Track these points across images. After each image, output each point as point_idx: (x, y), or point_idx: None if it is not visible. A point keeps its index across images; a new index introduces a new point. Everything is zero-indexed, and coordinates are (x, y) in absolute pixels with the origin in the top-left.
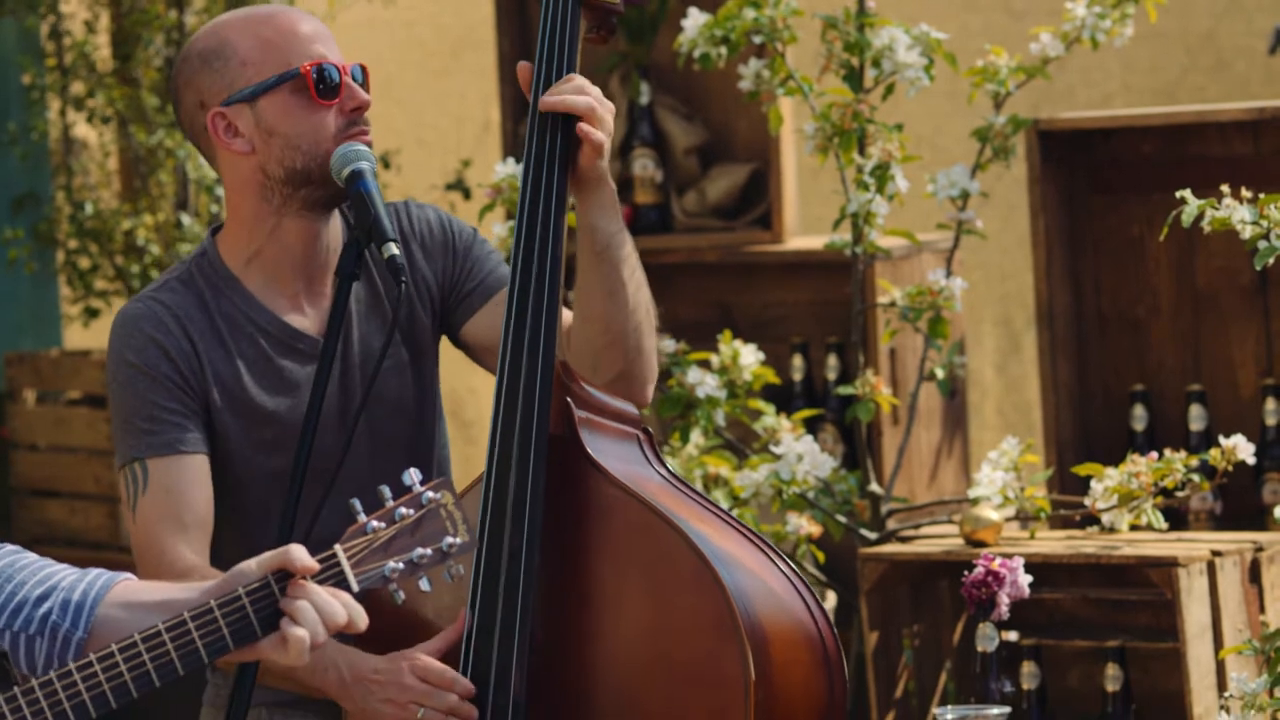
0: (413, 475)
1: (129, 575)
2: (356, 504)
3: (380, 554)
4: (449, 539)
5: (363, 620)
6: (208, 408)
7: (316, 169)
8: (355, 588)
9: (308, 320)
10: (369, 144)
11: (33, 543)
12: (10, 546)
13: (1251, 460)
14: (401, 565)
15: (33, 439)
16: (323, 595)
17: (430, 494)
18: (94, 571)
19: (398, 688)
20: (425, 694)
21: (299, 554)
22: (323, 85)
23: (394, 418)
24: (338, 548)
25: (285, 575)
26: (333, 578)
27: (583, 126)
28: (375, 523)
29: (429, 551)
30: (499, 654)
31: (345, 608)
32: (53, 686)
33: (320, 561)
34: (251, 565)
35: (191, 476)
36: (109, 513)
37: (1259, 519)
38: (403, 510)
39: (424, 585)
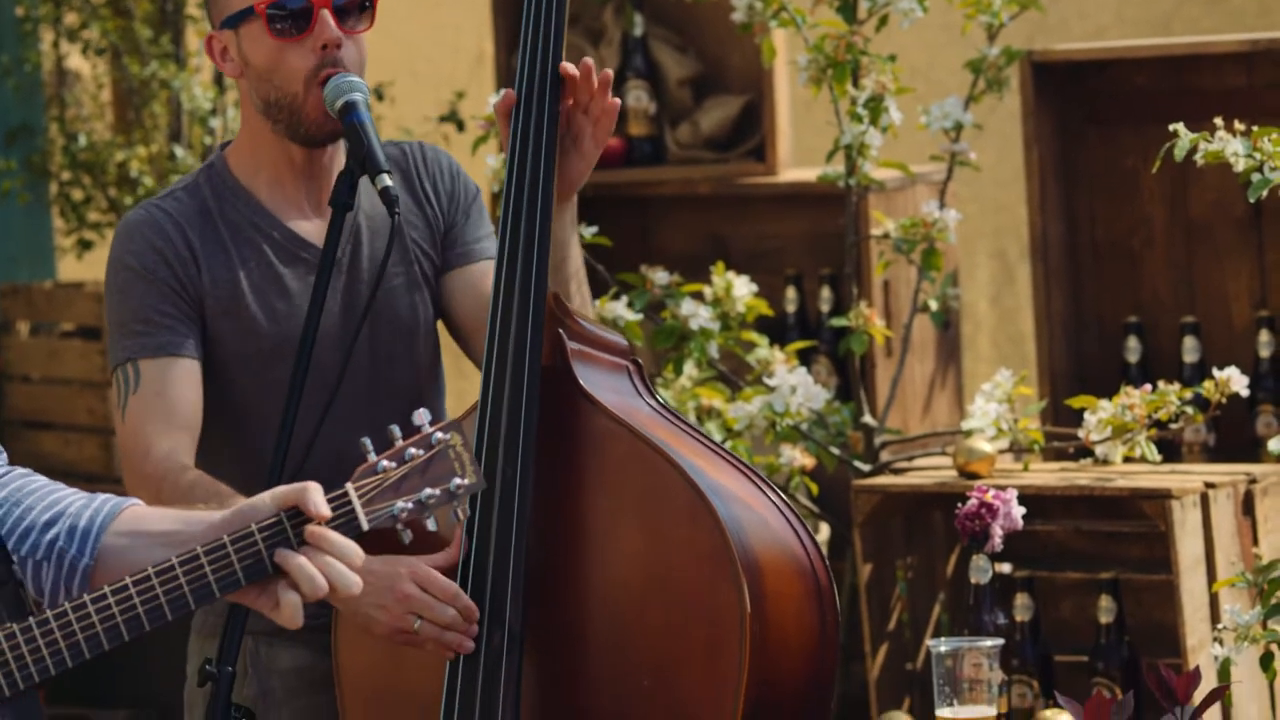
0: (422, 416)
1: (136, 501)
2: (367, 442)
3: (390, 493)
4: (457, 480)
5: (356, 588)
6: (204, 314)
7: (288, 107)
8: (365, 526)
9: (314, 228)
10: (334, 123)
11: None
12: (19, 470)
13: (1245, 392)
14: (410, 505)
15: (26, 371)
16: (339, 567)
17: (440, 435)
18: (101, 497)
19: (394, 595)
20: (425, 605)
21: (315, 497)
22: (280, 24)
23: (396, 337)
24: (349, 486)
25: (298, 513)
26: (343, 516)
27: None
28: (386, 462)
29: (437, 492)
30: (494, 585)
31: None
32: (67, 618)
33: (331, 500)
34: (265, 500)
35: (183, 380)
36: (102, 444)
37: (1252, 451)
38: (412, 450)
39: (430, 525)
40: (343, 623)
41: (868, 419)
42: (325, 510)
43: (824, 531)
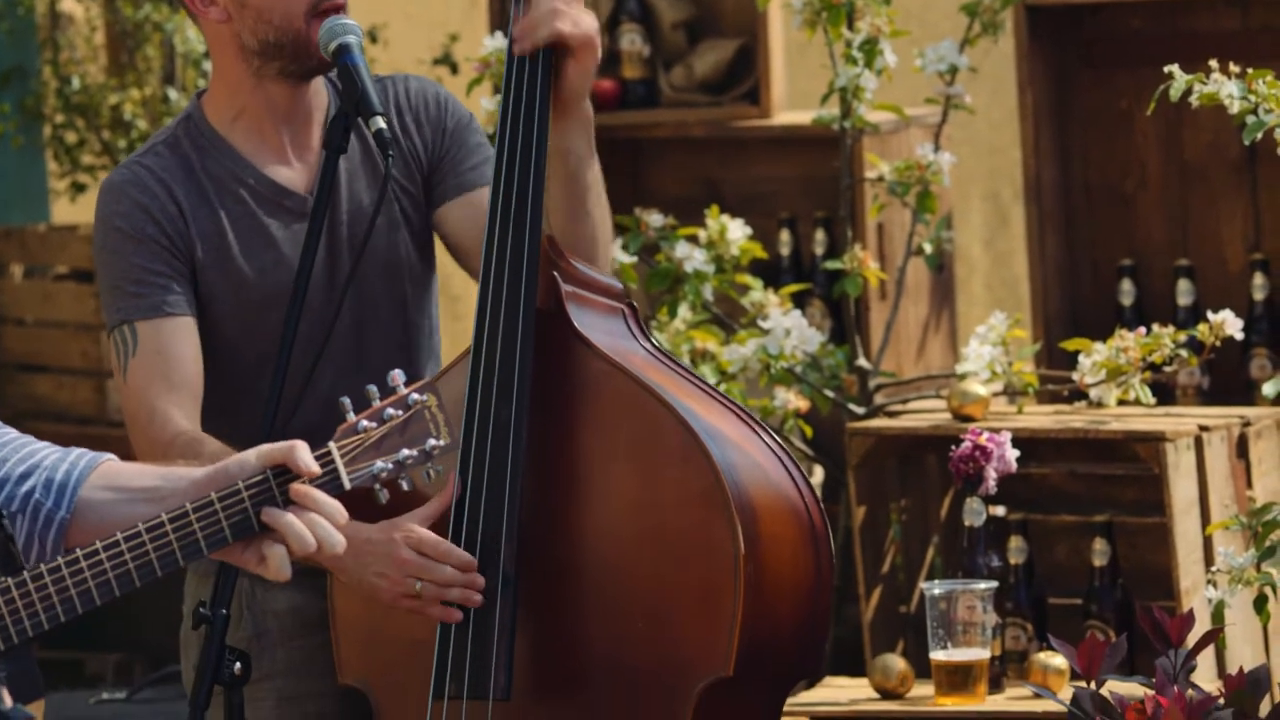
0: (397, 377)
1: (111, 456)
2: (346, 402)
3: (371, 453)
4: (432, 440)
5: (340, 547)
6: (194, 269)
7: (289, 43)
8: (347, 485)
9: (294, 174)
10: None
11: (19, 417)
12: None
13: (1239, 335)
14: (390, 465)
15: (20, 314)
16: (325, 525)
17: (416, 395)
18: (76, 451)
19: (391, 561)
20: (421, 567)
21: (304, 455)
22: None
23: (379, 276)
24: (332, 445)
25: (285, 471)
26: (327, 475)
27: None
28: (365, 422)
29: (414, 452)
30: (487, 528)
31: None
32: (60, 573)
33: (315, 459)
34: (250, 457)
35: (180, 338)
36: (96, 387)
37: (1246, 394)
38: (390, 411)
39: (404, 485)
40: None
41: (862, 362)
42: (315, 468)
43: (818, 474)
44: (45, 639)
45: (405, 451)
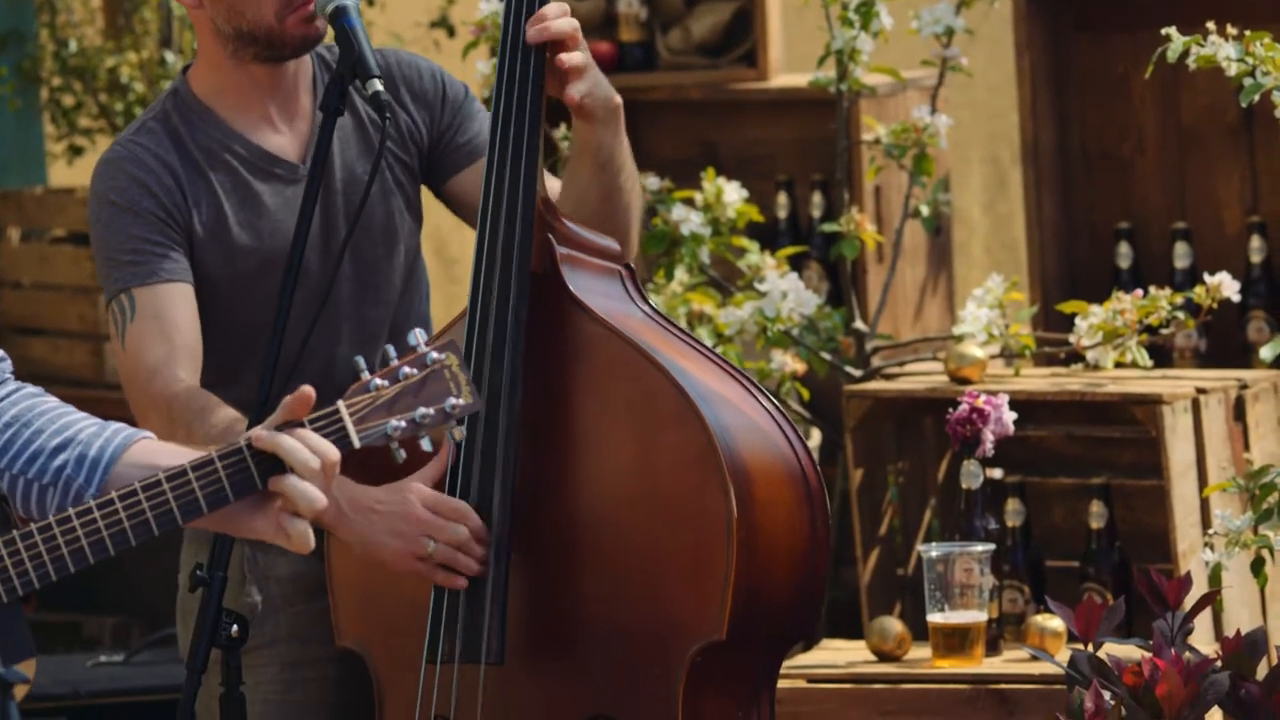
0: (418, 335)
1: (148, 434)
2: (360, 361)
3: (383, 412)
4: (452, 400)
5: (321, 502)
6: (190, 241)
7: (263, 36)
8: (356, 443)
9: (284, 140)
10: (315, 31)
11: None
12: (30, 389)
13: (1236, 298)
14: (404, 424)
15: (17, 276)
16: (315, 436)
17: (435, 354)
18: (113, 427)
19: (407, 520)
20: (438, 527)
21: (302, 396)
22: None
23: (374, 241)
24: (340, 403)
25: (289, 425)
26: (335, 433)
27: (560, 57)
28: (378, 380)
29: (431, 411)
30: (481, 492)
31: (316, 450)
32: (51, 531)
33: (322, 417)
34: (256, 429)
35: (178, 303)
36: (93, 350)
37: (1243, 356)
38: (406, 370)
39: (425, 445)
40: None
41: (859, 324)
42: (308, 392)
43: (815, 437)
44: (44, 601)
45: (422, 410)
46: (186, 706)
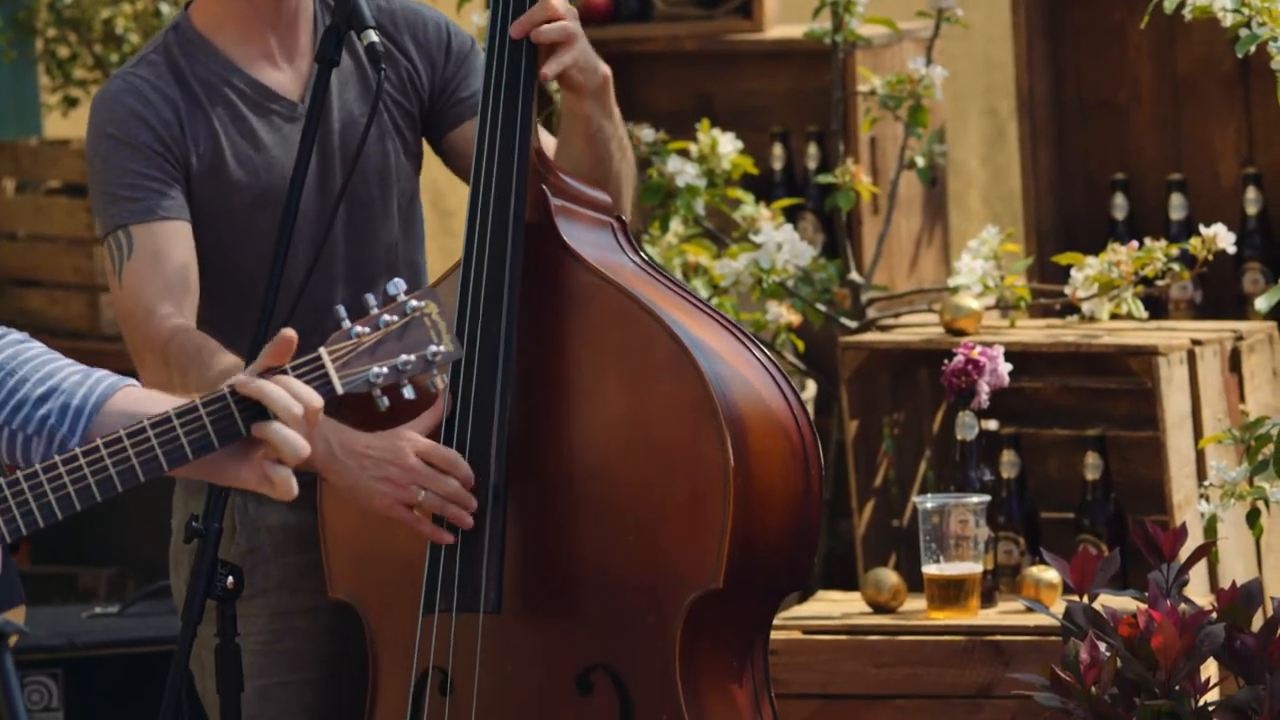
0: (398, 284)
1: (132, 381)
2: (341, 310)
3: (365, 358)
4: (433, 347)
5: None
6: (188, 174)
7: None
8: (339, 390)
9: (283, 76)
10: None
11: None
12: (15, 335)
13: (1232, 249)
14: (386, 370)
15: (12, 228)
16: (297, 383)
17: (414, 302)
18: (97, 374)
19: (399, 467)
20: (429, 477)
21: (279, 343)
22: None
23: (370, 184)
24: (322, 350)
25: (275, 371)
26: (317, 379)
27: (540, 30)
28: (359, 328)
29: (413, 359)
30: (477, 443)
31: (298, 397)
32: (37, 479)
33: (305, 364)
34: (240, 375)
35: (177, 241)
36: (88, 302)
37: (1239, 308)
38: (387, 317)
39: (408, 393)
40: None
41: (854, 276)
42: (290, 334)
43: (810, 388)
44: (38, 553)
45: (404, 357)
46: (181, 657)
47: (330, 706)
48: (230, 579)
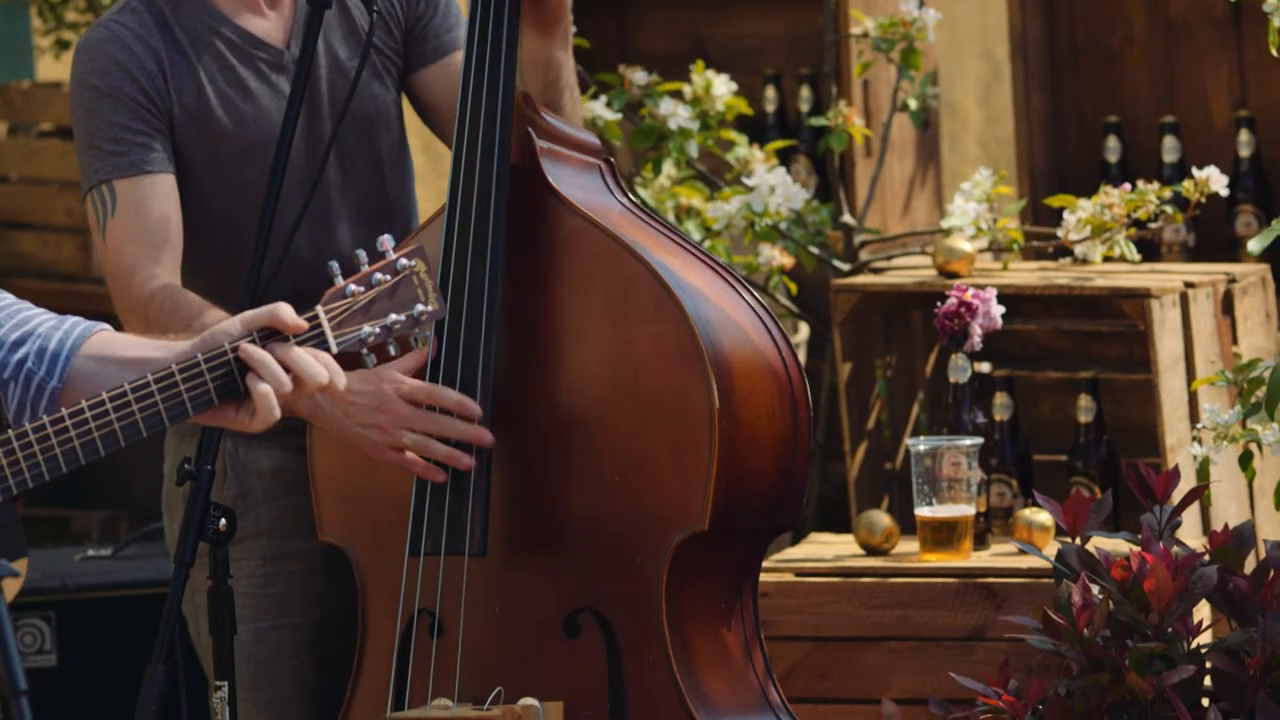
0: (386, 241)
1: (105, 326)
2: (335, 266)
3: (359, 317)
4: (420, 306)
5: (341, 380)
6: (172, 125)
7: None
8: (334, 349)
9: (269, 24)
10: None
11: (4, 275)
12: None
13: (1224, 192)
14: (377, 329)
15: (4, 171)
16: (306, 357)
17: (404, 261)
18: (71, 320)
19: (385, 413)
20: (417, 418)
21: (287, 313)
22: None
23: (359, 129)
24: (320, 309)
25: (270, 333)
26: (314, 339)
27: None
28: (354, 286)
29: (403, 317)
30: (463, 385)
31: (326, 368)
32: (44, 431)
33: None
34: (234, 323)
35: (160, 196)
36: (80, 244)
37: (1231, 251)
38: (379, 275)
39: (391, 350)
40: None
41: (847, 218)
42: (299, 322)
43: (803, 331)
44: (31, 497)
45: (393, 316)
46: (174, 600)
47: (322, 648)
48: (223, 521)
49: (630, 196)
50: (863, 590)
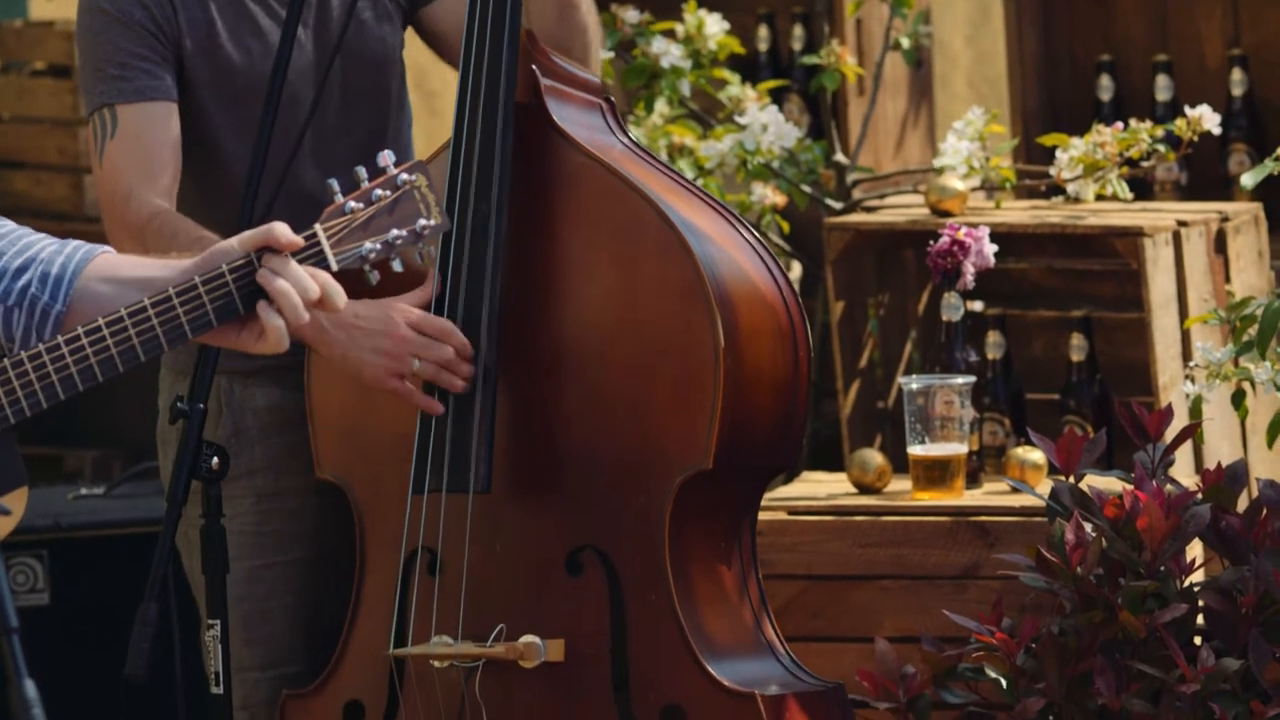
0: (386, 157)
1: (108, 249)
2: (334, 184)
3: (359, 234)
4: (423, 220)
5: (341, 298)
6: (180, 56)
7: None
8: (334, 267)
9: None
10: None
11: None
12: None
13: (1217, 130)
14: (378, 245)
15: None
16: (301, 273)
17: (405, 175)
18: (73, 244)
19: (392, 338)
20: (423, 345)
21: (283, 230)
22: None
23: (365, 70)
24: (318, 227)
25: (268, 253)
26: (313, 257)
27: None
28: (353, 203)
29: (404, 233)
30: (467, 321)
31: (323, 286)
32: (41, 359)
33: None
34: (233, 243)
35: (161, 123)
36: (73, 184)
37: (1224, 189)
38: (379, 191)
39: (396, 266)
40: (316, 360)
41: (839, 157)
42: (295, 239)
43: (795, 270)
44: (24, 435)
45: (395, 232)
46: (166, 539)
47: (317, 586)
48: (215, 460)
49: (630, 136)
50: (855, 529)
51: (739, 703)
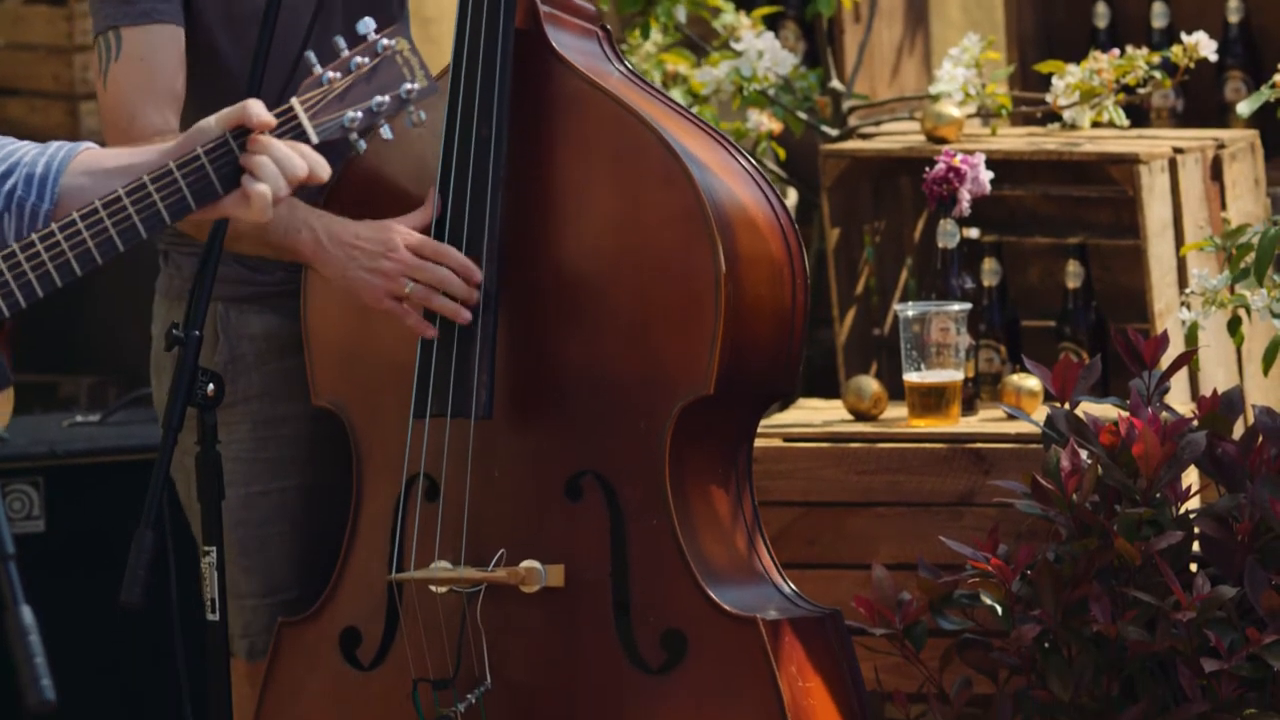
0: (367, 24)
1: (90, 144)
2: (311, 56)
3: (338, 104)
4: (407, 85)
5: (324, 170)
6: None
7: None
8: (314, 139)
9: None
10: None
11: None
12: None
13: (1213, 57)
14: (360, 114)
15: None
16: (281, 148)
17: (385, 40)
18: (55, 144)
19: (390, 259)
20: (421, 268)
21: (256, 108)
22: None
23: None
24: (294, 100)
25: (245, 131)
26: (291, 131)
27: None
28: (331, 73)
29: (387, 99)
30: (468, 246)
31: (305, 159)
32: (15, 258)
33: (277, 116)
34: (210, 122)
35: (166, 46)
36: (68, 110)
37: (1220, 116)
38: (358, 59)
39: (386, 133)
40: (313, 286)
41: (835, 84)
42: (267, 118)
43: (791, 196)
44: (19, 362)
45: (377, 99)
46: (162, 465)
47: (314, 513)
48: (211, 386)
49: (626, 64)
50: (851, 455)
51: (740, 627)
